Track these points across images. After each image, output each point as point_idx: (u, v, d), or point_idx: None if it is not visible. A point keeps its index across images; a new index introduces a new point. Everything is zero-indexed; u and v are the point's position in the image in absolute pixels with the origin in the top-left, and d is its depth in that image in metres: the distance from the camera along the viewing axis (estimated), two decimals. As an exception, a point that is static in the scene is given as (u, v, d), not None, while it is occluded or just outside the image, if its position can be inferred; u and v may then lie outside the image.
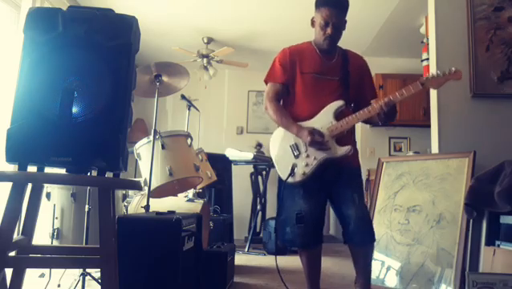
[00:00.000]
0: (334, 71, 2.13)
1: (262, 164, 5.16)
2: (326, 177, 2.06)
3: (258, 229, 5.35)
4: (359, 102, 2.15)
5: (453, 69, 1.97)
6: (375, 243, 2.77)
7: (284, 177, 2.09)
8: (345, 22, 2.13)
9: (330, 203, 2.16)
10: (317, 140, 2.01)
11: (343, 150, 2.03)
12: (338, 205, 2.09)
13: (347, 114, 2.07)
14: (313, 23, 2.17)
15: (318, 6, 2.11)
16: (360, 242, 2.06)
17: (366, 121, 2.17)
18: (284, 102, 2.22)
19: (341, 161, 2.05)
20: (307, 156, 2.06)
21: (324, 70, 2.13)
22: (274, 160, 2.18)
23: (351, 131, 2.17)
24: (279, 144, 2.17)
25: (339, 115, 2.06)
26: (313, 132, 2.02)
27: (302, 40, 2.30)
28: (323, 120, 2.07)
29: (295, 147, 2.09)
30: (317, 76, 2.12)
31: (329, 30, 2.07)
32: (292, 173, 2.06)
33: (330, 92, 2.11)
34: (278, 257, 4.03)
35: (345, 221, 2.05)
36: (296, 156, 2.08)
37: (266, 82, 2.25)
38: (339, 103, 2.07)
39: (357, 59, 2.24)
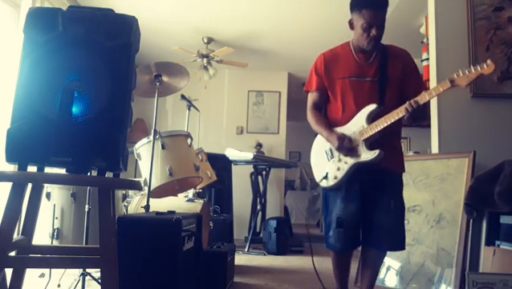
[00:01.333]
0: (371, 72, 2.06)
1: (262, 164, 5.16)
2: (368, 182, 2.03)
3: (258, 230, 5.35)
4: (403, 100, 2.03)
5: (488, 61, 1.85)
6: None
7: (318, 180, 2.12)
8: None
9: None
10: (345, 145, 1.99)
11: (370, 154, 1.97)
12: (370, 208, 2.05)
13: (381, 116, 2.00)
14: (351, 25, 2.07)
15: (358, 7, 2.00)
16: (385, 248, 2.09)
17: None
18: (326, 109, 2.21)
19: (383, 167, 2.00)
20: (339, 160, 2.05)
21: (360, 72, 2.07)
22: (311, 164, 2.20)
23: (394, 134, 2.10)
24: (317, 148, 2.19)
25: (374, 118, 2.00)
26: (342, 137, 2.01)
27: (302, 40, 2.30)
28: (357, 124, 2.03)
29: (330, 152, 2.10)
30: (353, 80, 2.07)
31: (374, 32, 1.98)
32: (326, 177, 2.07)
33: (367, 95, 2.05)
34: (278, 257, 4.02)
35: (373, 225, 2.05)
36: (329, 161, 2.09)
37: (307, 91, 2.24)
38: (371, 106, 2.00)
39: (397, 53, 2.13)
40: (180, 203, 2.92)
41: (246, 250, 4.53)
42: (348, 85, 2.07)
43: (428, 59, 3.39)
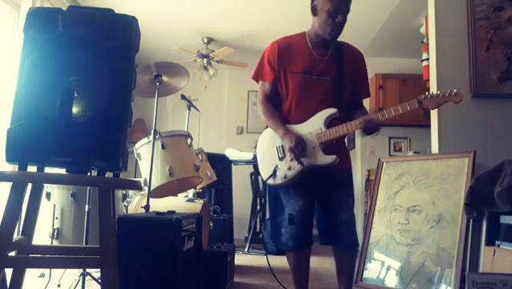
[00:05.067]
0: (326, 71, 2.02)
1: (262, 164, 5.15)
2: (313, 179, 1.99)
3: (258, 230, 5.35)
4: (353, 99, 2.07)
5: (455, 90, 1.91)
6: (375, 243, 2.79)
7: (265, 178, 2.05)
8: None
9: (319, 205, 2.10)
10: (298, 150, 1.94)
11: (327, 159, 1.95)
12: (330, 208, 2.03)
13: (338, 121, 1.99)
14: (315, 11, 2.02)
15: None
16: (350, 245, 2.05)
17: None
18: (279, 101, 2.13)
19: (335, 167, 1.98)
20: (291, 159, 1.99)
21: (314, 69, 2.02)
22: (258, 160, 2.15)
23: (343, 136, 2.08)
24: (266, 143, 2.11)
25: (330, 122, 1.98)
26: (299, 138, 1.95)
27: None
28: (314, 125, 1.99)
29: (281, 149, 2.03)
30: (305, 76, 2.01)
31: (340, 18, 1.93)
32: (274, 175, 2.01)
33: (321, 95, 2.00)
34: (277, 257, 4.03)
35: (335, 223, 2.02)
36: (280, 159, 2.02)
37: (256, 79, 2.18)
38: (331, 111, 1.97)
39: (353, 52, 2.13)
40: (180, 203, 2.92)
41: (246, 250, 4.53)
42: (304, 82, 2.02)
43: (428, 58, 3.39)
